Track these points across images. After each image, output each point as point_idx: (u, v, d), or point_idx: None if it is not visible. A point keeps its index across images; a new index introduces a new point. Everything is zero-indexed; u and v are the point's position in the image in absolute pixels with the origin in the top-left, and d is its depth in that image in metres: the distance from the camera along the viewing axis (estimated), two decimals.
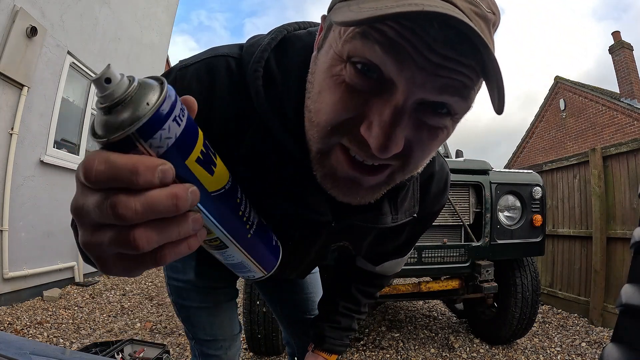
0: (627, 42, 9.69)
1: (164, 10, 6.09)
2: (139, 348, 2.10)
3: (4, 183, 3.02)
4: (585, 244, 3.25)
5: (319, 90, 0.43)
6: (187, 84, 0.50)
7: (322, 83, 0.43)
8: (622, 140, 4.04)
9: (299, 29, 0.56)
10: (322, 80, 0.43)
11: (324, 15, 0.46)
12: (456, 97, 0.39)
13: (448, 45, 0.36)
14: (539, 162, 4.97)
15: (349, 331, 0.89)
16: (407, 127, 0.40)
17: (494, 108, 0.38)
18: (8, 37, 2.94)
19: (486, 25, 0.38)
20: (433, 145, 0.44)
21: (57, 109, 3.66)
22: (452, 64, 0.36)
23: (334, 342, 0.86)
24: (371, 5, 0.36)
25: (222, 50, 0.54)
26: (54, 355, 0.52)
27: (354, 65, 0.39)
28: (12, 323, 2.64)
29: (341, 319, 0.87)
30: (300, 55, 0.51)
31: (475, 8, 0.37)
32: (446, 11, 0.33)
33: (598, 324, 2.92)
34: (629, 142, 2.90)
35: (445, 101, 0.39)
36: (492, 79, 0.36)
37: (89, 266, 2.25)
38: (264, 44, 0.51)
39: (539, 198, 2.04)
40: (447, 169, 0.73)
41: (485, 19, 0.38)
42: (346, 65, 0.40)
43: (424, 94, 0.38)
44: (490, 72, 0.36)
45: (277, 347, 2.10)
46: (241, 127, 0.52)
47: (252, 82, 0.50)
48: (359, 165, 0.44)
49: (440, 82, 0.37)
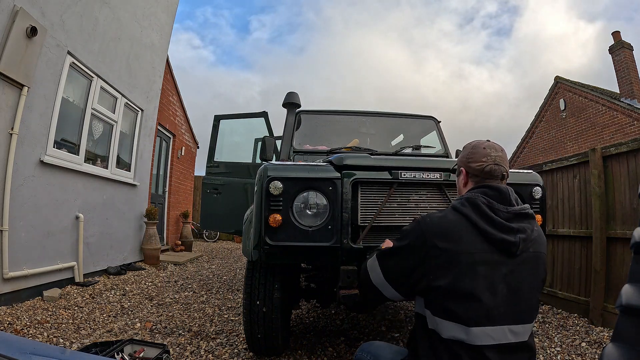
0: (627, 42, 9.69)
1: (164, 10, 6.09)
2: (139, 348, 2.10)
3: (4, 183, 3.02)
4: (585, 244, 3.25)
5: None
6: None
7: None
8: (622, 140, 4.04)
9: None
10: None
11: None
12: None
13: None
14: (539, 162, 4.96)
15: None
16: None
17: None
18: (8, 37, 2.94)
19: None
20: None
21: (57, 109, 3.66)
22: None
23: None
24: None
25: None
26: (54, 355, 0.52)
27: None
28: (12, 323, 2.64)
29: None
30: None
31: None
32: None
33: (598, 324, 2.92)
34: (629, 142, 2.90)
35: None
36: None
37: (89, 266, 2.29)
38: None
39: (539, 198, 2.03)
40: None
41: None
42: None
43: None
44: None
45: (277, 347, 2.10)
46: None
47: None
48: None
49: None
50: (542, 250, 1.12)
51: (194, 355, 2.30)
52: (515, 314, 1.02)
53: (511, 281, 1.02)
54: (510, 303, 1.02)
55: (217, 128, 4.32)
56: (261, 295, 1.95)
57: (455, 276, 1.00)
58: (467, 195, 1.11)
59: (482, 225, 1.03)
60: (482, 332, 0.98)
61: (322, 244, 1.77)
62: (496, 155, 1.16)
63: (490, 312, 0.99)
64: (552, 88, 11.54)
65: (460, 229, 1.04)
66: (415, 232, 1.09)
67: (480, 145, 1.19)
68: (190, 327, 2.84)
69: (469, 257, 1.01)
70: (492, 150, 1.17)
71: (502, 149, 1.20)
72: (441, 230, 1.05)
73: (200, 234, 11.04)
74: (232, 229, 4.22)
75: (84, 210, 4.10)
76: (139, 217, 5.62)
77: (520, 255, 1.04)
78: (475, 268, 1.00)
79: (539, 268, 1.10)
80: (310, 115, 3.41)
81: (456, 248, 1.02)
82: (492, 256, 1.02)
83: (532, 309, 1.07)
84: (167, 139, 7.78)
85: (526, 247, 1.05)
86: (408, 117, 3.55)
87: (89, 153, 4.37)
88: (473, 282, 0.99)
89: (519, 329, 1.02)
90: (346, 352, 2.38)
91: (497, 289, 1.01)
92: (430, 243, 1.04)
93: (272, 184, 1.75)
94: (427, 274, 1.04)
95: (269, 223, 1.73)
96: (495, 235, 1.02)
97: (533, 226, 1.09)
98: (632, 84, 9.33)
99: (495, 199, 1.08)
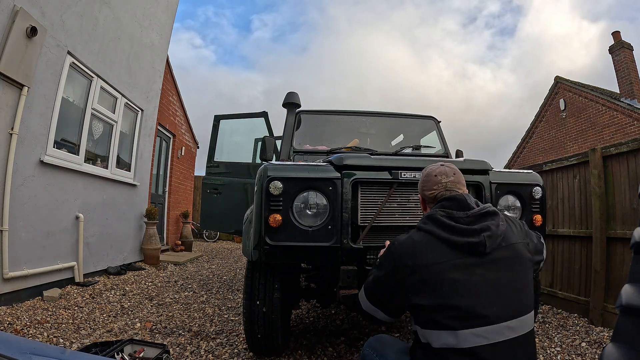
0: (627, 42, 9.69)
1: (164, 10, 6.09)
2: (139, 348, 2.10)
3: (4, 183, 3.02)
4: (585, 244, 3.25)
5: None
6: None
7: None
8: (622, 140, 4.04)
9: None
10: None
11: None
12: None
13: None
14: (539, 162, 4.96)
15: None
16: None
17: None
18: (8, 37, 2.94)
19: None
20: None
21: (57, 109, 3.66)
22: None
23: None
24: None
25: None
26: (54, 355, 0.52)
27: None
28: (12, 323, 2.64)
29: None
30: None
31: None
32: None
33: (598, 324, 2.92)
34: (629, 142, 2.90)
35: None
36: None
37: (89, 266, 2.30)
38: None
39: (539, 198, 2.03)
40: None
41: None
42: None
43: None
44: None
45: (277, 347, 2.10)
46: None
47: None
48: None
49: None
50: (517, 239, 1.15)
51: (194, 355, 2.30)
52: (507, 309, 1.04)
53: (491, 278, 1.06)
54: (498, 300, 1.04)
55: (217, 128, 4.32)
56: (261, 295, 1.95)
57: (433, 288, 1.06)
58: (427, 214, 1.20)
59: (445, 235, 1.10)
60: (472, 333, 1.00)
61: (322, 244, 1.77)
62: (447, 181, 1.23)
63: (478, 312, 1.02)
64: (552, 88, 11.54)
65: (427, 244, 1.11)
66: (387, 258, 1.18)
67: (432, 173, 1.27)
68: (190, 327, 2.84)
69: (440, 267, 1.06)
70: (443, 176, 1.24)
71: (454, 172, 1.27)
72: (409, 251, 1.12)
73: (200, 234, 11.04)
74: (232, 229, 4.22)
75: (84, 210, 4.10)
76: (139, 217, 5.62)
77: (492, 252, 1.08)
78: (449, 276, 1.05)
79: (521, 257, 1.13)
80: (310, 115, 3.41)
81: (426, 262, 1.08)
82: (464, 261, 1.07)
83: (524, 301, 1.09)
84: (167, 139, 7.78)
85: (496, 243, 1.09)
86: (408, 117, 3.55)
87: (89, 153, 4.37)
88: (451, 289, 1.04)
89: (515, 323, 1.04)
90: (346, 352, 2.38)
91: (479, 289, 1.05)
92: (402, 264, 1.11)
93: (272, 184, 1.75)
94: (407, 293, 1.11)
95: (269, 223, 1.73)
96: (459, 241, 1.08)
97: (498, 222, 1.13)
98: (632, 84, 9.33)
99: (453, 208, 1.16)
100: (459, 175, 1.27)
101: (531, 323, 1.09)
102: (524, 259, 1.14)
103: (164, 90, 6.73)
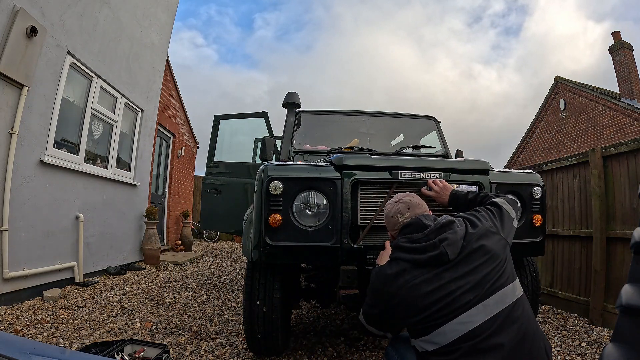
0: (627, 42, 9.69)
1: (164, 10, 6.09)
2: (139, 348, 2.10)
3: (4, 183, 3.02)
4: (585, 244, 3.25)
5: None
6: None
7: None
8: (622, 140, 4.04)
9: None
10: None
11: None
12: None
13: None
14: (539, 162, 4.96)
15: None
16: None
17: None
18: (8, 37, 2.94)
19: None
20: None
21: (57, 109, 3.66)
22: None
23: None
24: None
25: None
26: (54, 355, 0.52)
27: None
28: (12, 323, 2.64)
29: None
30: None
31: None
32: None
33: (598, 324, 2.92)
34: (629, 142, 2.90)
35: None
36: None
37: (89, 266, 2.32)
38: None
39: (539, 198, 2.03)
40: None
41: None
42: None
43: None
44: None
45: (277, 347, 2.10)
46: None
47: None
48: None
49: None
50: (482, 231, 1.25)
51: (194, 355, 2.30)
52: (483, 290, 1.15)
53: (461, 273, 1.17)
54: (473, 286, 1.15)
55: (217, 128, 4.32)
56: (261, 295, 1.95)
57: (413, 305, 1.18)
58: (393, 244, 1.35)
59: (410, 257, 1.24)
60: (458, 322, 1.12)
61: (322, 244, 1.77)
62: (403, 219, 1.37)
63: (456, 305, 1.13)
64: (552, 88, 11.55)
65: (398, 270, 1.24)
66: (372, 287, 1.33)
67: (389, 214, 1.41)
68: (190, 327, 2.84)
69: (413, 282, 1.19)
70: (398, 216, 1.38)
71: (410, 206, 1.38)
72: (386, 279, 1.25)
73: (200, 234, 11.04)
74: (232, 229, 4.22)
75: (84, 210, 4.10)
76: (139, 217, 5.63)
77: (459, 255, 1.19)
78: (423, 291, 1.17)
79: (489, 244, 1.22)
80: (310, 115, 3.41)
81: (401, 284, 1.21)
82: (432, 271, 1.19)
83: (501, 279, 1.19)
84: (167, 139, 7.78)
85: (459, 247, 1.20)
86: (408, 117, 3.55)
87: (89, 153, 4.37)
88: (427, 300, 1.16)
89: (495, 298, 1.15)
90: (346, 352, 2.38)
91: (450, 287, 1.16)
92: (384, 290, 1.25)
93: (272, 184, 1.75)
94: (394, 314, 1.26)
95: (269, 223, 1.73)
96: (421, 258, 1.21)
97: (455, 228, 1.24)
98: (632, 84, 9.33)
99: (412, 232, 1.30)
100: (414, 203, 1.39)
101: (515, 293, 1.20)
102: (492, 243, 1.24)
103: (164, 90, 6.73)
